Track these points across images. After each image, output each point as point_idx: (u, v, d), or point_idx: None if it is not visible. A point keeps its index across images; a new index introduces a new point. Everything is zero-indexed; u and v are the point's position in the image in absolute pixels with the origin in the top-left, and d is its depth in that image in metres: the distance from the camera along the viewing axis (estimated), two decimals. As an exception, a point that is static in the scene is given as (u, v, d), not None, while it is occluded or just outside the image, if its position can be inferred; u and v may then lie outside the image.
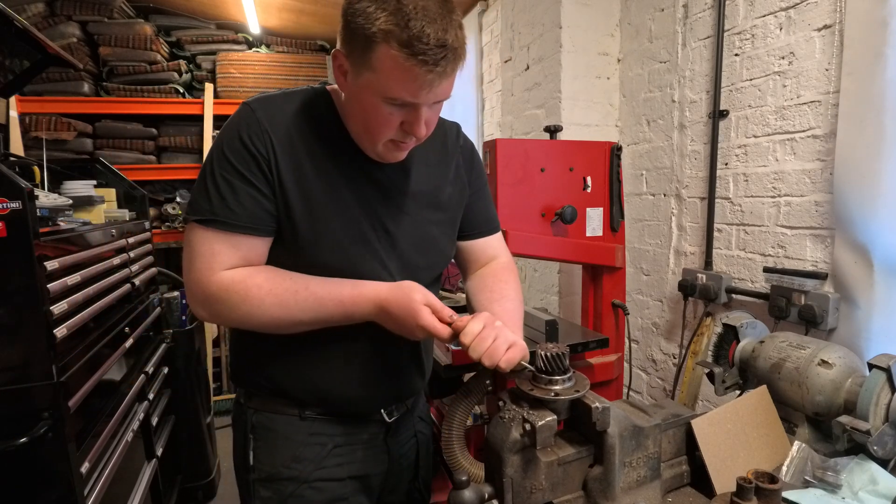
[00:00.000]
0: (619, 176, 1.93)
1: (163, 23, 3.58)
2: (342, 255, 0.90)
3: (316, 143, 0.89)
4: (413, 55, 0.74)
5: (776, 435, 1.05)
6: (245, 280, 0.85)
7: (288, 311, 0.85)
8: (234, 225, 0.84)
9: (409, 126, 0.84)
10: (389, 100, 0.80)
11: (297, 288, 0.86)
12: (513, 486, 0.77)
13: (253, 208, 0.85)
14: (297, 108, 0.90)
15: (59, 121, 2.97)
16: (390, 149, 0.89)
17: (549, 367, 0.79)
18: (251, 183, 0.85)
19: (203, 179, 0.87)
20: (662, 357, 2.31)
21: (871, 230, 1.40)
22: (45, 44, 1.75)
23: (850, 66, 1.43)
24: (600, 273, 1.97)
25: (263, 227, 0.87)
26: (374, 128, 0.84)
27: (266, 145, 0.85)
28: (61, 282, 1.24)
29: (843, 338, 1.48)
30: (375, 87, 0.79)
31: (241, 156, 0.85)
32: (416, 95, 0.79)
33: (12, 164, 1.65)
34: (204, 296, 0.86)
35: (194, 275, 0.86)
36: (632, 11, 2.35)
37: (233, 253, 0.86)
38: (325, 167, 0.89)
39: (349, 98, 0.87)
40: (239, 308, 0.85)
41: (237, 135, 0.85)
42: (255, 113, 0.86)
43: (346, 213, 0.90)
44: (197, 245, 0.86)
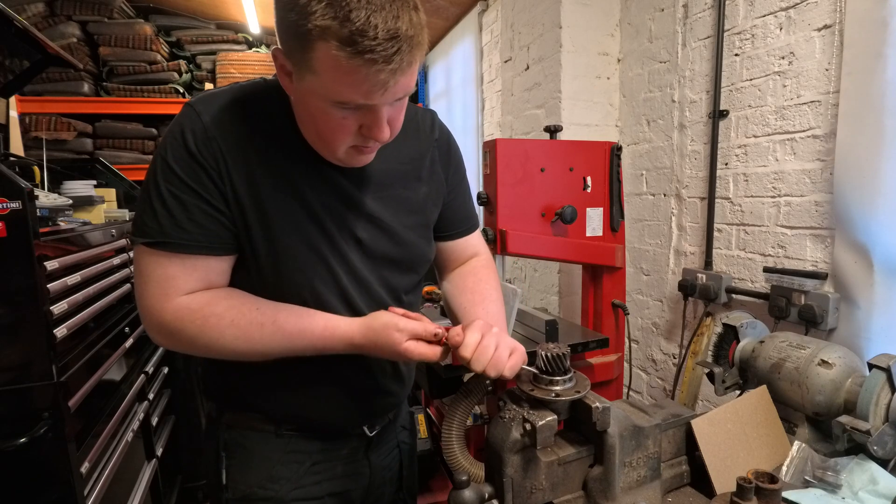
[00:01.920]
0: (619, 176, 1.93)
1: (163, 23, 3.58)
2: (309, 275, 0.82)
3: (270, 148, 0.79)
4: (358, 53, 0.62)
5: (776, 435, 1.05)
6: (203, 308, 0.76)
7: (252, 344, 0.78)
8: (188, 245, 0.75)
9: (368, 130, 0.74)
10: (339, 103, 0.69)
11: (262, 320, 0.78)
12: (513, 486, 0.77)
13: (208, 225, 0.76)
14: (247, 107, 0.80)
15: (59, 121, 2.97)
16: (352, 155, 0.79)
17: (549, 368, 0.79)
18: (202, 197, 0.75)
19: (148, 195, 0.76)
20: (662, 357, 2.31)
21: (871, 230, 1.40)
22: (45, 44, 1.75)
23: (850, 66, 1.43)
24: (600, 273, 1.97)
25: (221, 245, 0.78)
26: (329, 135, 0.75)
27: (215, 154, 0.75)
28: (61, 282, 1.24)
29: (843, 338, 1.48)
30: (321, 92, 0.69)
31: (188, 166, 0.74)
32: (369, 97, 0.68)
33: (12, 164, 1.65)
34: (159, 325, 0.78)
35: (147, 301, 0.77)
36: (632, 11, 2.35)
37: (189, 276, 0.77)
38: (282, 175, 0.80)
39: (297, 102, 0.77)
40: (197, 339, 0.77)
41: (182, 142, 0.75)
42: (200, 117, 0.76)
43: (310, 225, 0.81)
44: (148, 270, 0.76)
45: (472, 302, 0.97)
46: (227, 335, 0.77)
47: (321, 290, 0.83)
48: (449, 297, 1.03)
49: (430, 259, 0.99)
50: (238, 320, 0.77)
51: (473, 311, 0.94)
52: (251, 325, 0.77)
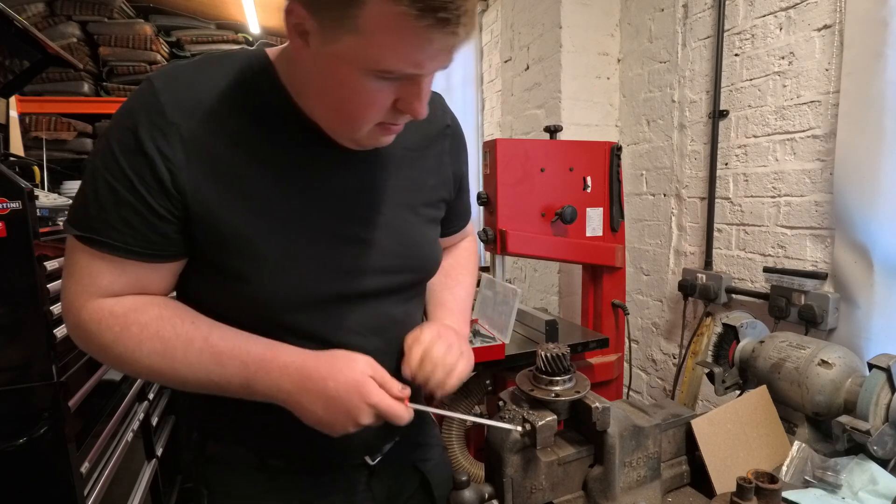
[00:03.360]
0: (619, 176, 1.93)
1: (163, 23, 3.57)
2: (292, 285, 0.68)
3: (253, 130, 0.66)
4: (429, 11, 0.52)
5: (776, 435, 1.05)
6: (126, 315, 0.65)
7: (171, 363, 0.64)
8: (115, 247, 0.63)
9: (407, 104, 0.63)
10: (381, 73, 0.58)
11: (193, 335, 0.65)
12: (513, 486, 0.77)
13: (141, 228, 0.63)
14: (222, 82, 0.66)
15: (59, 121, 2.97)
16: (375, 134, 0.66)
17: (549, 368, 0.79)
18: (141, 197, 0.62)
19: (85, 178, 0.65)
20: (662, 357, 2.31)
21: (871, 230, 1.40)
22: (45, 44, 1.75)
23: (850, 66, 1.43)
24: (600, 273, 1.97)
25: (156, 253, 0.66)
26: (354, 110, 0.62)
27: (172, 144, 0.62)
28: (61, 282, 1.24)
29: (843, 338, 1.48)
30: (360, 57, 0.57)
31: (132, 157, 0.61)
32: (422, 65, 0.58)
33: (12, 164, 1.65)
34: (75, 323, 0.67)
35: (67, 295, 0.67)
36: (632, 11, 2.35)
37: (117, 278, 0.66)
38: (268, 163, 0.67)
39: (314, 70, 0.62)
40: (111, 348, 0.65)
41: (132, 126, 0.62)
42: (157, 96, 0.62)
43: (302, 223, 0.69)
44: (73, 261, 0.67)
45: (444, 285, 0.92)
46: (144, 348, 0.64)
47: (311, 300, 0.71)
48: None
49: (438, 263, 0.86)
50: (163, 332, 0.65)
51: (441, 296, 0.90)
52: (177, 339, 0.65)
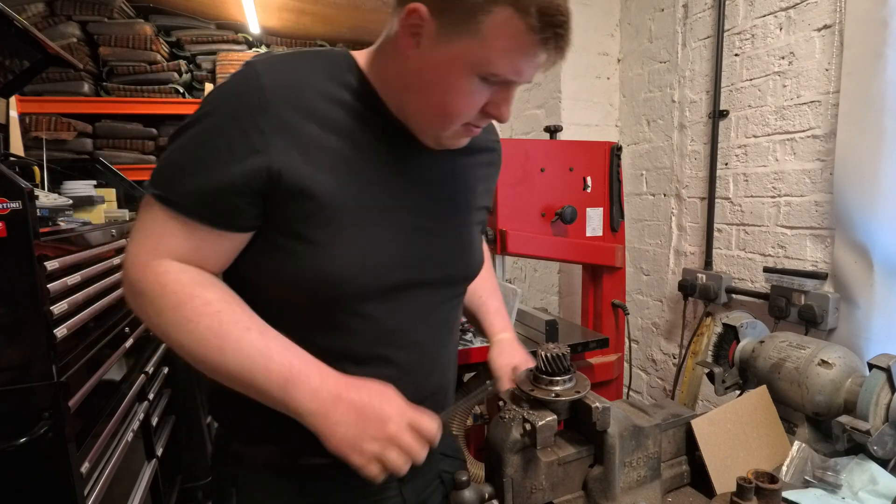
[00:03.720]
0: (619, 176, 1.93)
1: (163, 23, 3.57)
2: (364, 263, 0.71)
3: (342, 119, 0.71)
4: (548, 27, 0.61)
5: (776, 435, 1.05)
6: (194, 285, 0.67)
7: (222, 343, 0.65)
8: (187, 209, 0.66)
9: (495, 108, 0.69)
10: (487, 76, 0.65)
11: (250, 324, 0.67)
12: (513, 485, 0.77)
13: (220, 195, 0.66)
14: (317, 72, 0.71)
15: (59, 121, 2.97)
16: (459, 134, 0.73)
17: (549, 368, 0.79)
18: (227, 167, 0.65)
19: (173, 143, 0.69)
20: (662, 357, 2.31)
21: (871, 230, 1.40)
22: (45, 44, 1.75)
23: (850, 66, 1.43)
24: (600, 273, 1.97)
25: (227, 222, 0.68)
26: (455, 107, 0.68)
27: (268, 122, 0.66)
28: (61, 282, 1.24)
29: (843, 338, 1.48)
30: (473, 59, 0.63)
31: (227, 129, 0.65)
32: (521, 74, 0.66)
33: (12, 164, 1.65)
34: (134, 279, 0.68)
35: (133, 251, 0.68)
36: (632, 11, 2.35)
37: (184, 241, 0.68)
38: (356, 150, 0.71)
39: (420, 67, 0.67)
40: (167, 313, 0.66)
41: (231, 101, 0.66)
42: (259, 78, 0.67)
43: (381, 204, 0.74)
44: (146, 218, 0.69)
45: (489, 291, 1.02)
46: (202, 323, 0.65)
47: (379, 281, 0.73)
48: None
49: (481, 266, 0.91)
50: (224, 313, 0.66)
51: (489, 302, 1.01)
52: (235, 323, 0.66)
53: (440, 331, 0.84)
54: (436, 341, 0.83)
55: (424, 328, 0.80)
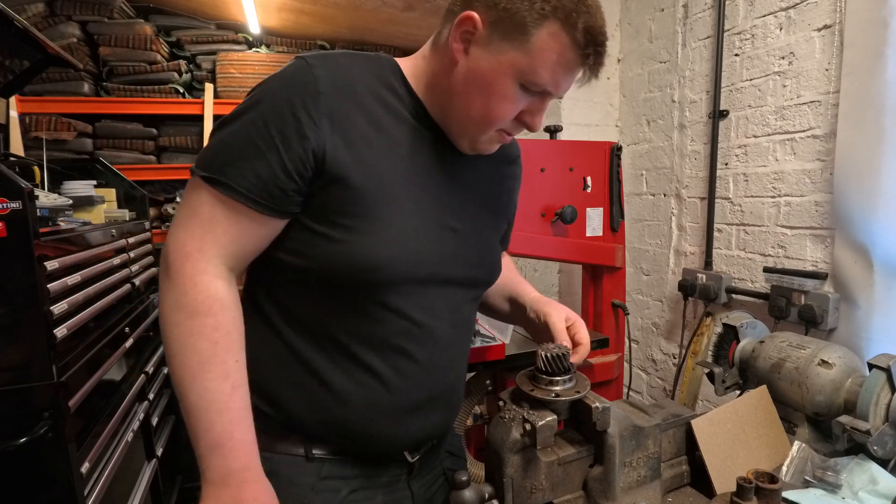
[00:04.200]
0: (619, 176, 1.92)
1: (163, 23, 3.57)
2: (397, 254, 0.74)
3: (387, 117, 0.75)
4: (590, 46, 0.67)
5: (776, 435, 1.05)
6: (216, 300, 0.68)
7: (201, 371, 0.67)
8: (237, 191, 0.68)
9: (530, 116, 0.75)
10: (529, 84, 0.70)
11: (231, 374, 0.68)
12: (513, 485, 0.77)
13: (269, 180, 0.68)
14: (365, 72, 0.75)
15: (59, 121, 2.97)
16: (493, 140, 0.78)
17: (549, 368, 0.79)
18: (279, 152, 0.68)
19: (222, 129, 0.71)
20: (662, 357, 2.31)
21: (871, 230, 1.40)
22: (45, 44, 1.75)
23: (850, 66, 1.43)
24: (600, 273, 1.97)
25: (272, 205, 0.70)
26: (496, 112, 0.72)
27: (319, 110, 0.69)
28: (61, 282, 1.24)
29: (843, 338, 1.48)
30: (519, 68, 0.68)
31: (279, 116, 0.68)
32: (559, 87, 0.72)
33: (12, 164, 1.65)
34: (172, 265, 0.69)
35: (180, 234, 0.70)
36: (632, 11, 2.35)
37: (229, 226, 0.70)
38: (397, 147, 0.75)
39: (467, 72, 0.72)
40: (180, 311, 0.68)
41: (284, 90, 0.69)
42: (312, 70, 0.70)
43: (416, 201, 0.77)
44: (196, 203, 0.70)
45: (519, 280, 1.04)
46: (200, 342, 0.67)
47: (409, 272, 0.76)
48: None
49: (500, 272, 0.94)
50: (219, 348, 0.68)
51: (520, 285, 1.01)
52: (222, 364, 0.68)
53: (459, 330, 0.86)
54: (455, 341, 0.85)
55: (447, 326, 0.82)
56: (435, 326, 0.80)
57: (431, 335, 0.80)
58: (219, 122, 0.73)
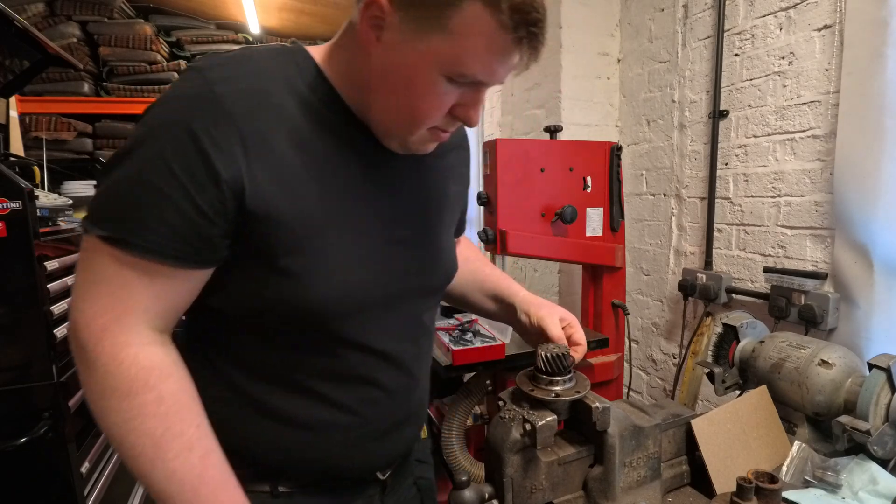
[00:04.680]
0: (619, 176, 1.92)
1: (163, 23, 3.58)
2: (345, 286, 0.67)
3: (307, 127, 0.64)
4: (523, 25, 0.55)
5: (776, 435, 1.05)
6: (150, 371, 0.59)
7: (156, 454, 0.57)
8: (149, 249, 0.57)
9: (464, 110, 0.64)
10: (456, 76, 0.59)
11: (194, 444, 0.59)
12: (513, 485, 0.77)
13: (183, 230, 0.58)
14: (274, 76, 0.63)
15: (59, 121, 2.97)
16: (426, 139, 0.68)
17: (549, 368, 0.79)
18: (188, 195, 0.57)
19: (115, 174, 0.58)
20: (662, 357, 2.31)
21: (871, 230, 1.40)
22: (45, 44, 1.75)
23: (850, 66, 1.43)
24: (600, 273, 1.97)
25: (197, 258, 0.60)
26: (420, 110, 0.62)
27: (228, 137, 0.57)
28: (61, 282, 1.24)
29: (843, 338, 1.48)
30: (441, 58, 0.58)
31: (182, 153, 0.56)
32: (494, 75, 0.61)
33: (12, 164, 1.65)
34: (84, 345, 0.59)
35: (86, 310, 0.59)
36: (632, 11, 2.35)
37: (145, 289, 0.59)
38: (325, 162, 0.65)
39: (381, 66, 0.61)
40: (111, 399, 0.58)
41: (182, 118, 0.57)
42: (212, 86, 0.58)
43: (356, 222, 0.68)
44: (100, 269, 0.59)
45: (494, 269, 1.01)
46: (146, 424, 0.57)
47: (361, 301, 0.69)
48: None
49: (457, 268, 0.88)
50: (171, 419, 0.58)
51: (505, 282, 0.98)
52: (179, 437, 0.58)
53: (421, 344, 0.81)
54: (418, 355, 0.80)
55: (408, 345, 0.77)
56: (396, 350, 0.75)
57: (394, 360, 0.75)
58: (107, 162, 0.60)
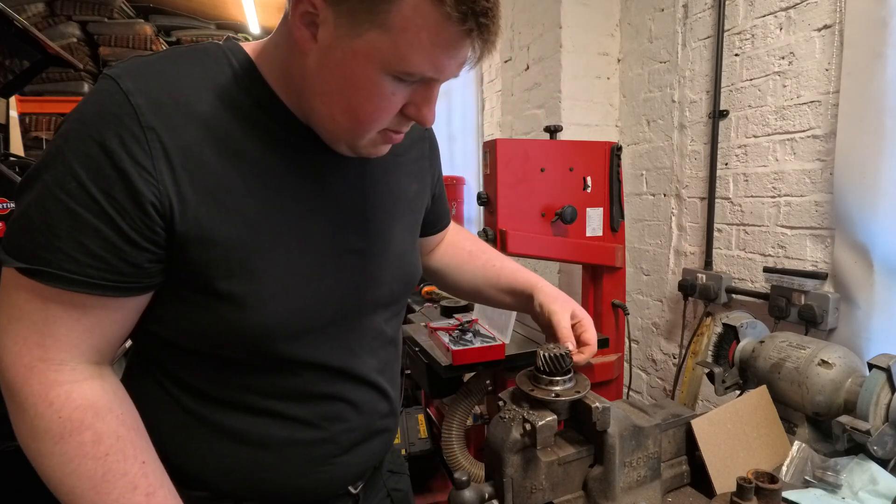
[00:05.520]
0: (619, 176, 1.93)
1: (163, 23, 3.58)
2: (293, 307, 0.62)
3: (240, 135, 0.59)
4: (471, 16, 0.50)
5: (776, 435, 1.05)
6: (86, 410, 0.54)
7: (95, 499, 0.54)
8: (72, 280, 0.52)
9: (415, 110, 0.59)
10: (402, 74, 0.54)
11: (138, 482, 0.55)
12: (513, 485, 0.77)
13: (107, 257, 0.53)
14: (201, 79, 0.58)
15: (59, 121, 2.97)
16: (376, 142, 0.63)
17: (549, 368, 0.79)
18: (109, 219, 0.52)
19: (29, 198, 0.53)
20: (662, 357, 2.31)
21: (871, 230, 1.40)
22: (45, 44, 1.75)
23: (850, 66, 1.43)
24: (600, 273, 1.97)
25: (127, 285, 0.55)
26: (366, 113, 0.57)
27: (150, 153, 0.52)
28: None
29: (843, 338, 1.48)
30: (383, 55, 0.53)
31: (98, 172, 0.51)
32: (443, 70, 0.55)
33: (12, 164, 1.65)
34: (11, 387, 0.54)
35: (8, 344, 0.54)
36: (632, 11, 2.35)
37: (75, 323, 0.55)
38: (261, 171, 0.60)
39: (319, 67, 0.56)
40: (44, 441, 0.54)
41: (96, 135, 0.51)
42: (129, 97, 0.52)
43: (303, 235, 0.63)
44: (19, 303, 0.54)
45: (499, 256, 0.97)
46: (83, 466, 0.53)
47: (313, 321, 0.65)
48: (450, 267, 0.98)
49: (421, 271, 0.84)
50: (111, 459, 0.54)
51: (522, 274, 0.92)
52: (121, 477, 0.55)
53: (386, 355, 0.78)
54: (384, 366, 0.77)
55: (368, 357, 0.73)
56: (356, 364, 0.71)
57: (355, 375, 0.71)
58: (20, 183, 0.55)
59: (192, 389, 0.65)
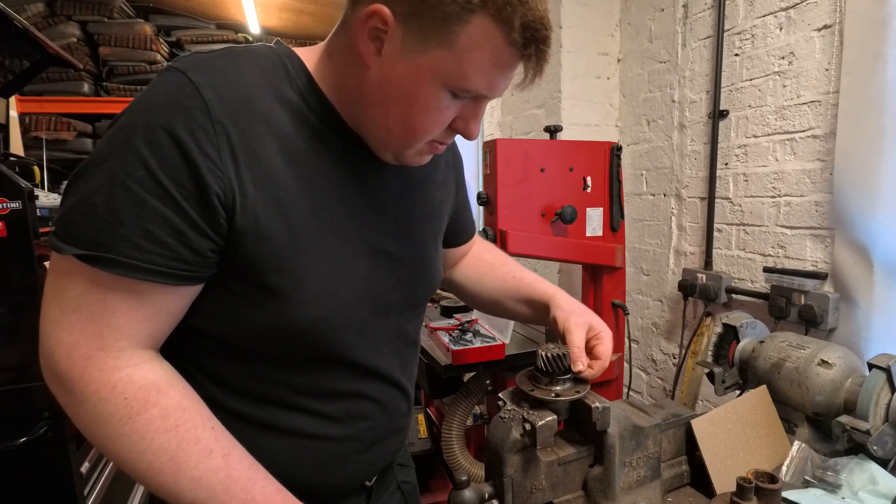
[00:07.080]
0: (619, 176, 1.92)
1: (163, 23, 3.58)
2: (335, 304, 0.65)
3: (296, 135, 0.62)
4: (531, 43, 0.55)
5: (776, 435, 1.05)
6: (150, 391, 0.55)
7: (177, 469, 0.55)
8: (137, 267, 0.53)
9: (463, 123, 0.64)
10: (459, 90, 0.59)
11: (213, 447, 0.57)
12: (513, 485, 0.77)
13: (173, 245, 0.54)
14: (262, 80, 0.60)
15: (59, 121, 2.97)
16: (422, 151, 0.67)
17: (549, 368, 0.79)
18: (178, 207, 0.53)
19: (90, 185, 0.53)
20: (662, 357, 2.31)
21: (871, 230, 1.40)
22: (45, 44, 1.75)
23: (850, 66, 1.43)
24: (600, 273, 1.97)
25: (190, 274, 0.57)
26: (421, 124, 0.61)
27: (218, 146, 0.54)
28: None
29: (843, 338, 1.48)
30: (445, 72, 0.56)
31: (168, 161, 0.52)
32: (496, 90, 0.60)
33: (12, 164, 1.65)
34: (66, 377, 0.54)
35: (62, 335, 0.54)
36: (632, 11, 2.35)
37: (134, 311, 0.55)
38: (310, 174, 0.63)
39: (382, 78, 0.59)
40: (110, 424, 0.54)
41: (167, 124, 0.52)
42: (200, 91, 0.54)
43: (345, 235, 0.66)
44: (72, 292, 0.54)
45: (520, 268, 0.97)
46: (156, 441, 0.54)
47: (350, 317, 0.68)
48: (475, 277, 0.99)
49: (441, 277, 0.87)
50: (182, 430, 0.56)
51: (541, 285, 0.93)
52: (195, 444, 0.56)
53: (407, 355, 0.81)
54: (405, 366, 0.80)
55: (394, 359, 0.77)
56: (383, 364, 0.74)
57: (382, 374, 0.74)
58: (75, 172, 0.55)
59: (224, 383, 0.67)
